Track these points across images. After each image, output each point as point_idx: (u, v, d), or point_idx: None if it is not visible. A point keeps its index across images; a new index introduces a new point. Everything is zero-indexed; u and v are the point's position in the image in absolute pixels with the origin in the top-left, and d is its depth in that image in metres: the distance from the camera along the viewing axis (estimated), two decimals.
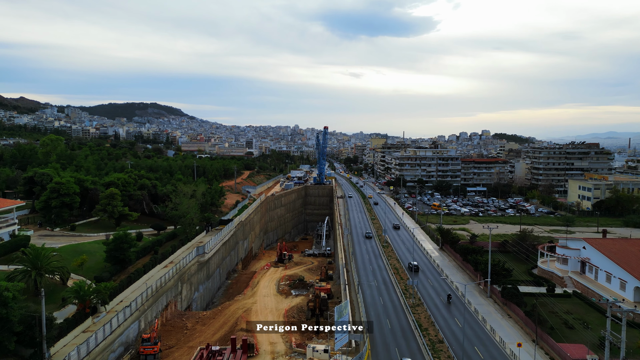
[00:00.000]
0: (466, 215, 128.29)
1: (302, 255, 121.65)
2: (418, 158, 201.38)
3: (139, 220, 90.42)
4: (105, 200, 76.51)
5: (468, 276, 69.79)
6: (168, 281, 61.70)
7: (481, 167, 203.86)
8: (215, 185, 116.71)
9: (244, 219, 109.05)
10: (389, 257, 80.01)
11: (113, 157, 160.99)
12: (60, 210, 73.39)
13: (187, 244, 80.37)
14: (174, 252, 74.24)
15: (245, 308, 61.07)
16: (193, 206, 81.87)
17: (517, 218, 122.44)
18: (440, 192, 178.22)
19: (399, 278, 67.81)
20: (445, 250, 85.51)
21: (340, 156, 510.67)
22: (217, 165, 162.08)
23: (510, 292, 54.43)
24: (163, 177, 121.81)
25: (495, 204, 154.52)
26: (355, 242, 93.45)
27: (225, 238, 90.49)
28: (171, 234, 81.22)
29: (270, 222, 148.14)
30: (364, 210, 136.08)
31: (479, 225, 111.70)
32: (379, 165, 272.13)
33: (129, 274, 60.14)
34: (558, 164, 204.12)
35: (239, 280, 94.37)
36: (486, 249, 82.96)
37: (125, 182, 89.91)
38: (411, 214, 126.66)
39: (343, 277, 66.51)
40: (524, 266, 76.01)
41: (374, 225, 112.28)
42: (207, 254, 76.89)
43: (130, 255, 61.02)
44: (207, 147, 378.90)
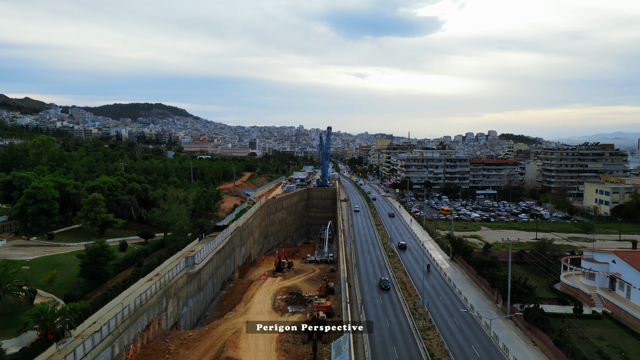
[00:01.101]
0: (477, 221, 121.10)
1: (304, 261, 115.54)
2: (425, 159, 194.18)
3: (127, 227, 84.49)
4: (88, 206, 70.58)
5: (483, 292, 62.96)
6: (150, 297, 55.48)
7: (490, 169, 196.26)
8: (211, 188, 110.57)
9: (241, 224, 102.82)
10: (395, 269, 73.32)
11: (109, 159, 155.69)
12: (37, 218, 67.52)
13: (176, 254, 74.10)
14: (160, 263, 68.05)
15: (235, 329, 54.70)
16: (183, 212, 75.70)
17: (531, 224, 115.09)
18: (448, 195, 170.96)
19: (406, 295, 61.11)
20: (457, 261, 78.68)
21: (344, 157, 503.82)
22: (216, 167, 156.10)
23: (535, 315, 47.59)
24: (157, 179, 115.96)
25: (507, 208, 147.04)
26: (358, 250, 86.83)
27: (220, 246, 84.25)
28: (159, 243, 75.15)
29: (270, 226, 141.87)
30: (368, 215, 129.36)
31: (492, 232, 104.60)
32: (384, 166, 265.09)
33: (107, 289, 54.04)
34: (571, 166, 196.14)
35: (235, 290, 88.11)
36: (502, 259, 76.17)
37: (113, 186, 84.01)
38: (418, 219, 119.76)
39: (344, 292, 60.02)
40: (544, 280, 69.05)
41: (379, 231, 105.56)
42: (197, 264, 70.61)
43: (107, 269, 54.90)
44: (210, 147, 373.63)
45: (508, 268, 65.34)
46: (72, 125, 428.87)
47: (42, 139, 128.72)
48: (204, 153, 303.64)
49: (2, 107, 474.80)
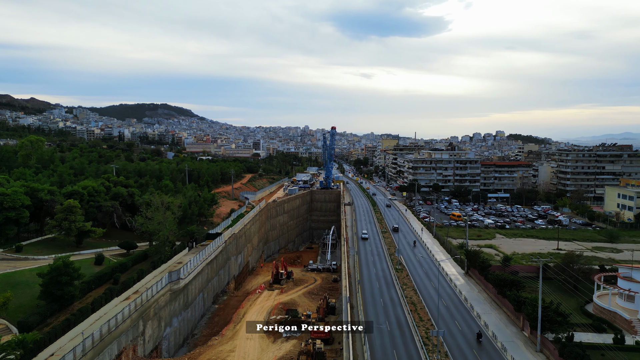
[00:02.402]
0: (491, 228, 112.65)
1: (305, 270, 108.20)
2: (433, 161, 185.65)
3: (110, 236, 77.54)
4: (61, 214, 63.56)
5: (506, 316, 54.89)
6: (123, 321, 48.11)
7: (503, 171, 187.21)
8: (205, 192, 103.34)
9: (237, 231, 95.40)
10: (403, 286, 65.40)
11: (103, 160, 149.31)
12: (3, 227, 60.62)
13: (160, 267, 66.71)
14: (141, 279, 60.88)
15: (220, 359, 47.27)
16: (169, 221, 68.41)
17: (550, 232, 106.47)
18: (458, 198, 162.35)
19: (417, 318, 53.24)
20: (473, 276, 70.60)
21: (350, 157, 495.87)
22: (214, 169, 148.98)
23: (574, 353, 39.55)
24: (150, 182, 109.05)
25: (522, 212, 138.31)
26: (362, 262, 79.01)
27: (211, 256, 76.84)
28: (142, 255, 67.97)
29: (271, 231, 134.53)
30: (374, 220, 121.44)
31: (508, 241, 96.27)
32: (390, 168, 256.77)
33: (72, 313, 46.86)
34: (587, 168, 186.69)
35: (228, 304, 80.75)
36: (523, 273, 68.06)
37: (95, 191, 77.05)
38: (427, 225, 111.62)
39: (346, 314, 52.38)
40: (573, 300, 60.87)
41: (385, 239, 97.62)
42: (182, 279, 63.10)
43: (72, 290, 47.69)
44: (213, 148, 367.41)
45: (534, 289, 57.31)
46: (75, 125, 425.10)
47: (31, 139, 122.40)
48: (206, 154, 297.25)
49: (5, 108, 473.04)
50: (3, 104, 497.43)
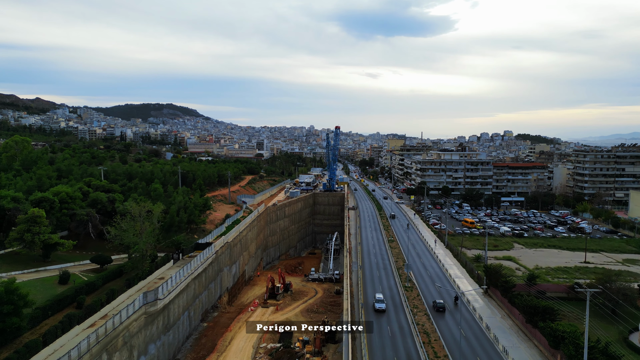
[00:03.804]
0: (507, 236, 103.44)
1: (305, 279, 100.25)
2: (443, 162, 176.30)
3: (84, 247, 69.67)
4: (24, 225, 55.79)
5: (537, 351, 46.06)
6: (79, 357, 40.06)
7: (516, 173, 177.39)
8: (195, 197, 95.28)
9: (231, 240, 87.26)
10: (414, 309, 56.75)
11: (95, 161, 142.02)
12: None
13: (137, 285, 58.50)
14: (111, 301, 52.77)
15: None
16: (147, 232, 60.31)
17: (574, 241, 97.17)
18: (469, 202, 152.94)
19: (431, 354, 44.59)
20: (493, 296, 61.79)
21: (355, 158, 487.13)
22: (211, 171, 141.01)
23: None
24: (138, 186, 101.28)
25: (539, 218, 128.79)
26: (367, 279, 70.41)
27: (198, 270, 68.72)
28: (116, 271, 59.94)
29: (271, 237, 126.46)
30: (380, 227, 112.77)
31: (529, 253, 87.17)
32: (396, 169, 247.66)
33: (17, 349, 38.91)
34: (606, 170, 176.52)
35: (219, 322, 72.66)
36: (551, 293, 59.12)
37: (69, 198, 69.25)
38: (438, 233, 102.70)
39: (346, 350, 43.95)
40: (613, 329, 51.93)
41: (392, 250, 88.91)
42: (161, 300, 54.84)
43: (17, 322, 39.72)
44: (215, 148, 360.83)
45: (568, 316, 48.46)
46: (77, 125, 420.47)
47: (16, 139, 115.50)
48: (208, 154, 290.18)
49: (9, 107, 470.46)
50: (7, 104, 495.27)
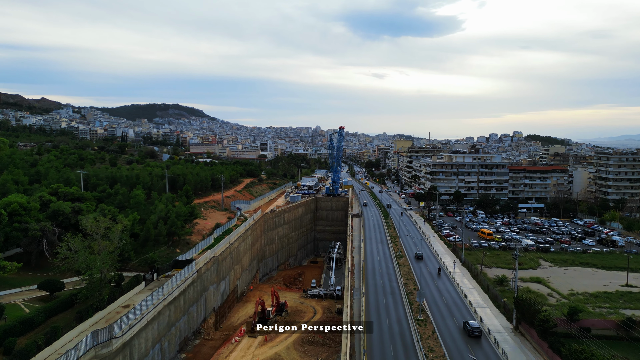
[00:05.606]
0: (531, 250, 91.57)
1: (304, 295, 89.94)
2: (454, 165, 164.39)
3: (39, 268, 59.49)
4: None
5: None
6: None
7: (534, 177, 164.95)
8: (179, 206, 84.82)
9: (219, 254, 76.67)
10: (429, 353, 45.54)
11: (82, 164, 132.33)
12: None
13: (93, 317, 47.84)
14: (52, 342, 42.29)
15: None
16: (104, 254, 49.76)
17: (609, 257, 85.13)
18: (484, 209, 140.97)
19: None
20: (526, 335, 50.32)
21: (361, 159, 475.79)
22: (204, 174, 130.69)
23: None
24: (119, 192, 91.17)
25: (563, 228, 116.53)
26: (371, 306, 59.32)
27: (175, 293, 58.32)
28: (67, 301, 49.62)
29: (268, 246, 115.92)
30: (387, 240, 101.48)
31: (558, 272, 75.38)
32: (404, 171, 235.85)
33: None
34: (631, 174, 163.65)
35: (199, 352, 62.23)
36: (598, 330, 47.64)
37: (22, 209, 59.15)
38: (453, 248, 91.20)
39: None
40: None
41: (401, 268, 77.60)
42: (117, 338, 44.28)
43: None
44: (218, 149, 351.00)
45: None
46: (78, 125, 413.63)
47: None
48: (209, 155, 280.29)
49: (12, 107, 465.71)
50: (11, 104, 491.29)
